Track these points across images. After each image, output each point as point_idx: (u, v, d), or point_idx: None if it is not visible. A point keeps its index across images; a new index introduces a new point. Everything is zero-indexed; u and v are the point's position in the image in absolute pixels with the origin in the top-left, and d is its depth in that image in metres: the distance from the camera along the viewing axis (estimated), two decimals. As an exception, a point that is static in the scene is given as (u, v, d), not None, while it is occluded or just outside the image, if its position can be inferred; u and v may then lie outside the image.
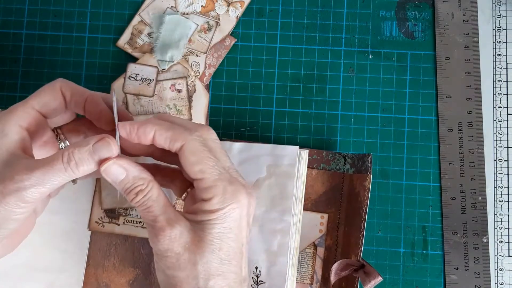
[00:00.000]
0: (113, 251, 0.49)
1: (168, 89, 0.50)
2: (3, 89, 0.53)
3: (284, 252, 0.45)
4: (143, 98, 0.49)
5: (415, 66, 0.53)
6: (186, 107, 0.50)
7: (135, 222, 0.49)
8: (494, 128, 0.52)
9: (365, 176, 0.47)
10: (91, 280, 0.49)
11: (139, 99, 0.49)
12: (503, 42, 0.52)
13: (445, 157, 0.51)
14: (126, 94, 0.50)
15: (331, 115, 0.52)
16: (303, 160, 0.46)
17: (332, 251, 0.49)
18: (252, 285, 0.46)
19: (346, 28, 0.53)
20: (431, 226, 0.51)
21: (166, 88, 0.50)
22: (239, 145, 0.47)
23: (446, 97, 0.52)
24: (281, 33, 0.53)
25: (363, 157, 0.48)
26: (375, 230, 0.51)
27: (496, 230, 0.50)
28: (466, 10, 0.53)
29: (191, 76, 0.49)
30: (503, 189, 0.51)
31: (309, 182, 0.49)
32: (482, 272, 0.49)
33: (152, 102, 0.50)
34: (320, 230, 0.49)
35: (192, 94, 0.50)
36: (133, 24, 0.53)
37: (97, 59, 0.53)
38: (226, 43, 0.53)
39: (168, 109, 0.49)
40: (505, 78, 0.52)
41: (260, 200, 0.46)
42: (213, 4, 0.53)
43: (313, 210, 0.49)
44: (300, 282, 0.49)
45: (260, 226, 0.46)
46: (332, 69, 0.53)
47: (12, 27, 0.54)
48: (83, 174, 0.35)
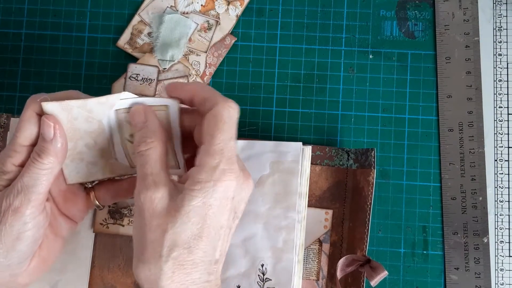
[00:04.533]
0: (118, 252, 0.49)
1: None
2: (3, 88, 0.53)
3: (289, 248, 0.46)
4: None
5: (415, 66, 0.52)
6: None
7: None
8: (494, 128, 0.51)
9: (369, 171, 0.47)
10: (96, 282, 0.49)
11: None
12: (503, 42, 0.52)
13: (445, 157, 0.51)
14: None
15: (331, 115, 0.52)
16: (306, 156, 0.47)
17: (338, 247, 0.49)
18: (258, 283, 0.46)
19: (346, 28, 0.53)
20: (432, 226, 0.51)
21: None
22: (242, 142, 0.47)
23: (447, 97, 0.52)
24: (281, 32, 0.53)
25: (367, 152, 0.48)
26: (376, 230, 0.51)
27: (497, 230, 0.50)
28: (466, 10, 0.52)
29: (192, 75, 0.49)
30: (503, 189, 0.51)
31: (313, 178, 0.49)
32: (483, 272, 0.49)
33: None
34: (325, 226, 0.49)
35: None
36: (133, 24, 0.53)
37: (97, 59, 0.53)
38: (227, 42, 0.53)
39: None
40: (505, 78, 0.52)
41: (264, 197, 0.46)
42: (212, 3, 0.53)
43: (317, 206, 0.49)
44: (306, 279, 0.49)
45: (264, 223, 0.46)
46: (332, 69, 0.53)
47: (11, 27, 0.54)
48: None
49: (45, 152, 0.37)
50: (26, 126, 0.38)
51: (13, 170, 0.38)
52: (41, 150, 0.37)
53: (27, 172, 0.37)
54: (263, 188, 0.47)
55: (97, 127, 0.39)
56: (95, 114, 0.39)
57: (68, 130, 0.39)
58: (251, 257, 0.46)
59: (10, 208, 0.37)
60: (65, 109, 0.38)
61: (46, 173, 0.37)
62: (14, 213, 0.36)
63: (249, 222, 0.47)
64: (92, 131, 0.39)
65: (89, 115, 0.39)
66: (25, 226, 0.37)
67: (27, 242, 0.38)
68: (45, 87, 0.53)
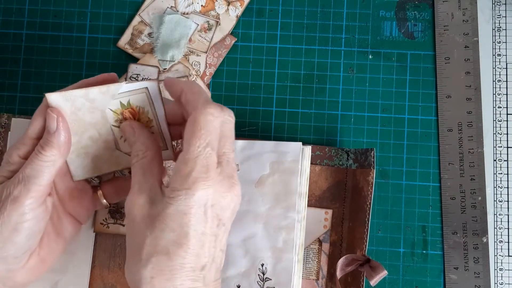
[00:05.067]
0: (118, 252, 0.49)
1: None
2: (4, 89, 0.53)
3: (289, 248, 0.46)
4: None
5: (415, 66, 0.53)
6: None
7: None
8: (493, 128, 0.52)
9: (368, 170, 0.47)
10: (97, 281, 0.49)
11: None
12: (502, 42, 0.52)
13: (445, 157, 0.51)
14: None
15: (331, 115, 0.52)
16: (306, 156, 0.47)
17: (337, 247, 0.49)
18: (258, 282, 0.46)
19: (346, 28, 0.53)
20: (431, 226, 0.51)
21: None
22: (242, 142, 0.48)
23: (446, 97, 0.52)
24: (281, 33, 0.53)
25: (366, 152, 0.48)
26: (375, 230, 0.51)
27: (496, 230, 0.50)
28: (466, 10, 0.53)
29: (192, 75, 0.49)
30: (502, 189, 0.51)
31: (312, 178, 0.49)
32: (482, 272, 0.49)
33: None
34: (324, 226, 0.49)
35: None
36: (133, 24, 0.53)
37: (97, 59, 0.53)
38: (227, 42, 0.53)
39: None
40: (504, 78, 0.52)
41: (264, 197, 0.46)
42: (213, 4, 0.53)
43: (317, 206, 0.49)
44: (306, 278, 0.49)
45: (264, 223, 0.46)
46: (332, 69, 0.53)
47: (12, 27, 0.54)
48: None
49: (48, 145, 0.38)
50: (36, 119, 0.39)
51: (17, 162, 0.39)
52: (44, 142, 0.38)
53: (30, 163, 0.38)
54: (263, 188, 0.47)
55: (100, 118, 0.40)
56: (98, 104, 0.39)
57: (72, 122, 0.39)
58: (251, 257, 0.47)
59: (9, 198, 0.37)
60: (68, 100, 0.38)
61: (48, 165, 0.38)
62: (12, 203, 0.37)
63: (249, 222, 0.47)
64: (95, 122, 0.40)
65: (92, 105, 0.39)
66: (23, 217, 0.37)
67: (24, 234, 0.38)
68: (45, 87, 0.53)
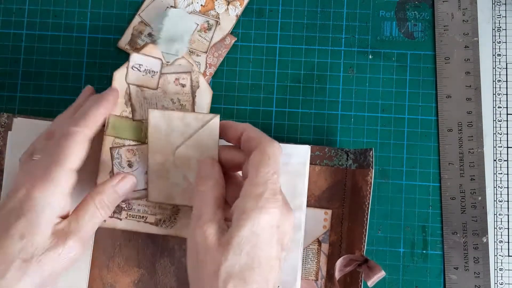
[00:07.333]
0: (117, 251, 0.49)
1: (172, 82, 0.49)
2: (4, 89, 0.53)
3: (295, 247, 0.46)
4: (147, 91, 0.49)
5: (415, 66, 0.53)
6: (190, 102, 0.49)
7: (138, 217, 0.48)
8: (494, 128, 0.52)
9: (367, 170, 0.47)
10: (96, 281, 0.49)
11: (143, 91, 0.49)
12: (502, 42, 0.52)
13: (445, 157, 0.51)
14: (129, 85, 0.49)
15: (331, 115, 0.52)
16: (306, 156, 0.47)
17: (337, 247, 0.49)
18: None
19: (346, 28, 0.53)
20: (431, 226, 0.51)
21: (170, 81, 0.49)
22: None
23: (446, 97, 0.52)
24: (281, 33, 0.53)
25: (365, 152, 0.48)
26: (375, 230, 0.51)
27: (496, 230, 0.50)
28: (465, 10, 0.53)
29: (195, 72, 0.49)
30: (502, 189, 0.51)
31: (312, 178, 0.50)
32: (482, 272, 0.49)
33: (156, 95, 0.49)
34: (324, 226, 0.49)
35: (196, 90, 0.50)
36: (134, 24, 0.53)
37: (97, 59, 0.53)
38: (227, 42, 0.53)
39: (172, 103, 0.49)
40: (504, 78, 0.52)
41: None
42: (212, 3, 0.53)
43: (316, 206, 0.49)
44: (305, 279, 0.49)
45: None
46: (332, 69, 0.53)
47: (12, 27, 0.54)
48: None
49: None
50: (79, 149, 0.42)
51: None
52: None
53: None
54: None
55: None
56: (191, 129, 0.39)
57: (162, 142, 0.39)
58: None
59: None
60: (166, 118, 0.38)
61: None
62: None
63: None
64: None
65: (186, 130, 0.39)
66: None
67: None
68: (45, 87, 0.53)
